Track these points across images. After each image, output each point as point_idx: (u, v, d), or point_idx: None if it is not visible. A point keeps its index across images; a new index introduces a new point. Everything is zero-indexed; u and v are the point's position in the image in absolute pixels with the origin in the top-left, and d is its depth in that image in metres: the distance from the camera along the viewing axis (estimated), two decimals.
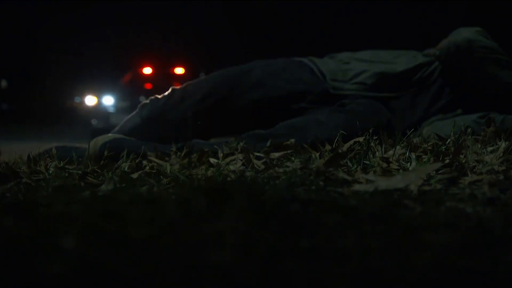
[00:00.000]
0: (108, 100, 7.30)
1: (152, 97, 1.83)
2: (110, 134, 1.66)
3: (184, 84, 1.81)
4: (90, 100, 7.82)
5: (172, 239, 0.54)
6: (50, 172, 1.22)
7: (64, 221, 0.63)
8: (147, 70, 7.99)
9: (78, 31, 14.75)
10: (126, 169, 1.26)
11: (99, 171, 1.24)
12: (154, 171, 1.20)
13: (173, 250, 0.52)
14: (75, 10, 14.87)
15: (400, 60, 1.86)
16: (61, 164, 1.33)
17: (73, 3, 14.88)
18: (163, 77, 7.60)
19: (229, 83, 1.75)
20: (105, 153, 1.44)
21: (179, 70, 8.02)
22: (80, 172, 1.16)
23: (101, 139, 1.57)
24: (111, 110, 7.11)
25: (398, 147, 1.13)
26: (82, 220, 0.61)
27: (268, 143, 1.43)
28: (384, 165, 1.03)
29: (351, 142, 1.15)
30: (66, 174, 1.15)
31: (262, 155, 1.32)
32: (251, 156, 1.27)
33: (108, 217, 0.62)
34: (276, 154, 1.33)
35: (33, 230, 0.62)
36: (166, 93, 1.82)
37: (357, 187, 0.85)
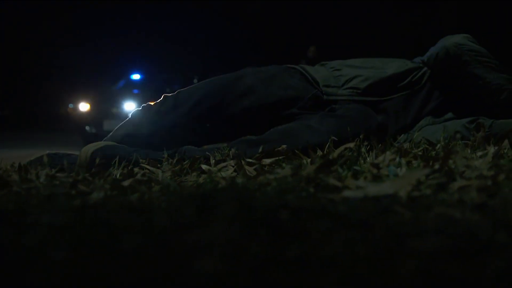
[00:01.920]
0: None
1: (145, 104, 1.83)
2: (101, 142, 1.66)
3: (176, 91, 1.81)
4: (83, 107, 7.81)
5: (161, 248, 0.54)
6: (41, 180, 1.21)
7: (53, 231, 0.63)
8: (136, 76, 8.03)
9: (71, 37, 14.72)
10: (118, 176, 1.26)
11: (91, 178, 1.23)
12: (145, 178, 1.20)
13: (162, 259, 0.52)
14: (68, 16, 14.86)
15: (390, 66, 1.89)
16: (52, 172, 1.33)
17: (66, 10, 14.86)
18: (153, 83, 7.63)
19: (221, 90, 1.75)
20: (97, 160, 1.44)
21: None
22: (71, 180, 1.15)
23: (93, 146, 1.56)
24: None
25: (388, 152, 1.14)
26: (71, 229, 0.61)
27: (260, 149, 1.43)
28: (375, 171, 1.03)
29: (342, 148, 1.16)
30: (57, 182, 1.15)
31: (254, 161, 1.32)
32: (243, 162, 1.28)
33: (97, 226, 0.62)
34: (267, 160, 1.34)
35: (22, 240, 0.62)
36: (159, 100, 1.82)
37: (347, 193, 0.85)
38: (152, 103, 1.83)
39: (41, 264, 0.54)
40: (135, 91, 7.53)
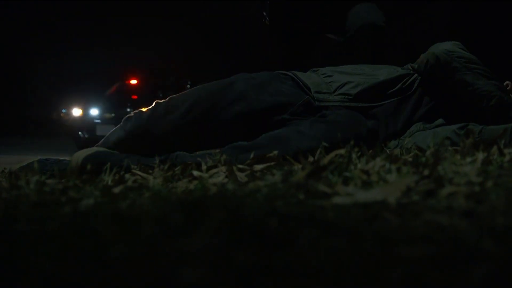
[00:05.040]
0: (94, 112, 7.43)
1: (136, 111, 1.83)
2: (93, 148, 1.66)
3: (168, 98, 1.82)
4: (76, 112, 7.78)
5: (148, 256, 0.54)
6: (31, 187, 1.21)
7: (40, 239, 0.63)
8: (133, 81, 8.05)
9: (65, 43, 14.70)
10: (109, 183, 1.25)
11: (81, 185, 1.23)
12: (136, 185, 1.20)
13: (148, 267, 0.52)
14: (63, 22, 14.84)
15: (381, 72, 1.91)
16: (43, 178, 1.32)
17: (60, 15, 14.84)
18: (149, 88, 7.65)
19: (212, 96, 1.76)
20: (88, 166, 1.43)
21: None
22: (61, 187, 1.15)
23: (84, 152, 1.56)
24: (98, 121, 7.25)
25: (378, 158, 1.15)
26: (58, 237, 0.61)
27: (252, 155, 1.44)
28: (364, 177, 1.03)
29: (332, 154, 1.16)
30: (47, 189, 1.14)
31: (245, 167, 1.32)
32: (234, 168, 1.28)
33: (85, 234, 0.62)
34: (259, 166, 1.34)
35: (9, 248, 0.62)
36: (151, 106, 1.82)
37: (336, 200, 0.86)
38: (144, 109, 1.83)
39: (28, 272, 0.53)
40: (128, 96, 7.53)
